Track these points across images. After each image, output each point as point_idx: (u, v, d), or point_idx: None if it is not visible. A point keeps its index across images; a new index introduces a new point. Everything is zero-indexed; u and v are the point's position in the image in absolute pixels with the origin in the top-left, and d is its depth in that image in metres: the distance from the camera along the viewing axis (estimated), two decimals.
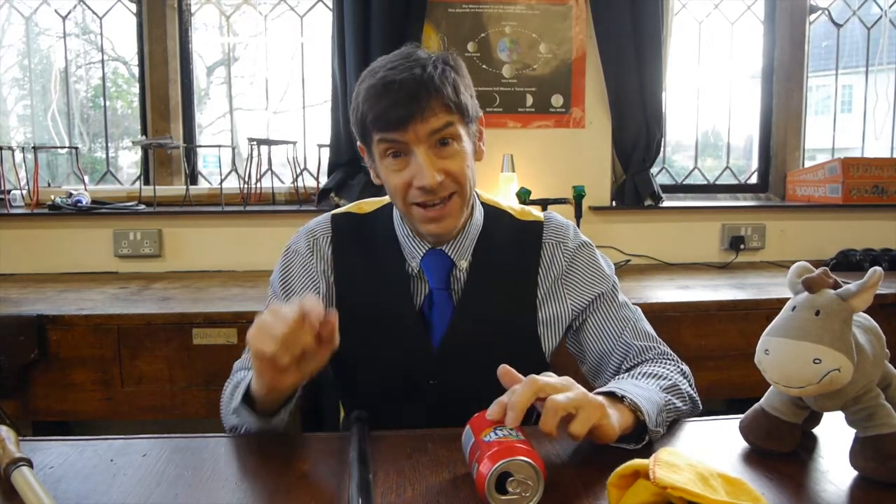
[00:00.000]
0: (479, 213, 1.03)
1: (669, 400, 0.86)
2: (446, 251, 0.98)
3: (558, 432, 0.68)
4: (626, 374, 0.95)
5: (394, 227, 1.02)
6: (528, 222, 1.05)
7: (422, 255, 0.98)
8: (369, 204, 1.07)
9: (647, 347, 0.99)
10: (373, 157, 0.94)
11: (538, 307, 1.01)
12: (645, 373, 0.92)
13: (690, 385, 0.94)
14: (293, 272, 1.02)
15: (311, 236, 1.03)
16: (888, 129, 2.77)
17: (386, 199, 1.05)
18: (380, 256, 1.01)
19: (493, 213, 1.05)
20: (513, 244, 1.03)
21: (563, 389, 0.71)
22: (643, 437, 0.79)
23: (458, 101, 0.90)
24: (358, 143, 0.97)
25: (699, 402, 0.94)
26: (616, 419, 0.75)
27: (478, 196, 1.06)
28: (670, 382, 0.90)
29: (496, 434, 0.66)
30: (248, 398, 0.83)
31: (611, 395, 0.79)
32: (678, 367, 0.97)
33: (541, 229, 1.04)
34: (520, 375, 0.74)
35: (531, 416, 0.99)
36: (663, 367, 0.94)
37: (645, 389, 0.84)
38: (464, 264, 0.99)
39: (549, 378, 0.72)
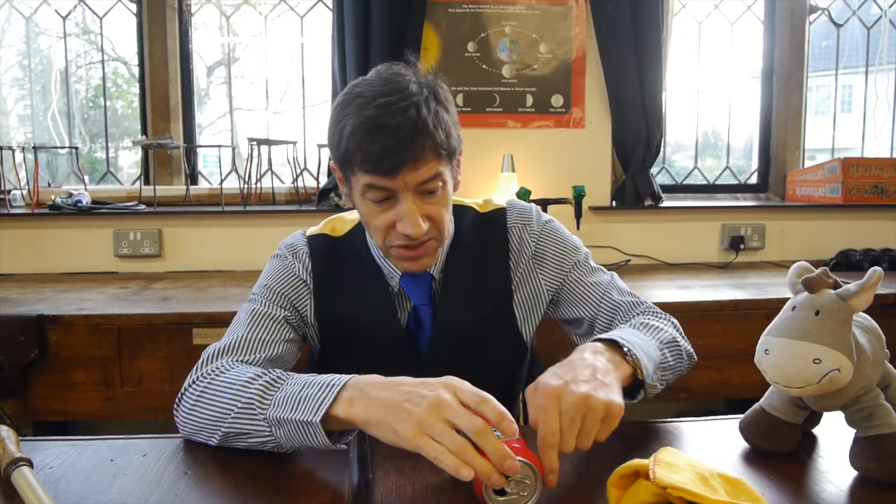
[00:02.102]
0: (450, 224, 1.02)
1: (665, 357, 0.89)
2: None
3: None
4: (626, 324, 0.97)
5: (369, 248, 1.01)
6: (491, 212, 1.06)
7: (400, 275, 0.98)
8: (342, 223, 1.05)
9: (634, 303, 1.02)
10: (350, 186, 0.91)
11: (513, 292, 1.02)
12: (643, 323, 0.94)
13: (684, 338, 0.97)
14: (284, 273, 1.00)
15: (292, 249, 1.02)
16: (888, 129, 2.76)
17: (355, 217, 1.04)
18: (360, 278, 1.00)
19: (460, 213, 1.05)
20: (480, 238, 1.03)
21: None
22: (637, 393, 0.81)
23: (449, 144, 0.88)
24: (331, 161, 0.94)
25: (694, 356, 0.97)
26: (609, 376, 0.75)
27: None
28: (668, 337, 0.92)
29: None
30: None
31: (610, 344, 0.81)
32: (669, 320, 0.99)
33: (504, 215, 1.05)
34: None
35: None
36: (659, 321, 0.96)
37: (645, 342, 0.86)
38: (440, 276, 1.00)
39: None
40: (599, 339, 0.83)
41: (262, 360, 0.90)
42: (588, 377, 0.73)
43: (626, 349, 0.81)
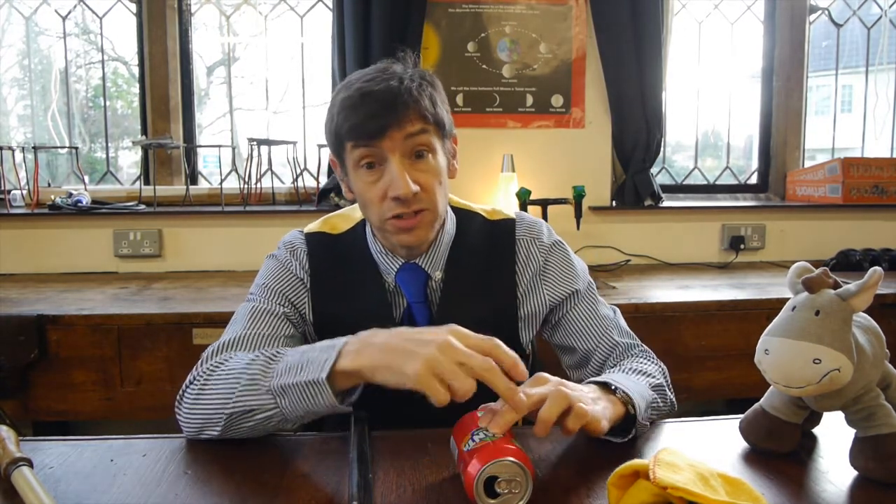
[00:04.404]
0: (450, 223, 1.02)
1: (655, 398, 0.88)
2: (420, 264, 0.98)
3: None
4: (616, 368, 0.96)
5: (367, 245, 1.01)
6: (499, 221, 1.05)
7: (396, 270, 0.98)
8: (342, 220, 1.06)
9: (630, 345, 1.02)
10: (346, 169, 0.94)
11: (519, 304, 1.02)
12: (634, 369, 0.94)
13: (670, 388, 0.96)
14: (282, 271, 1.01)
15: (290, 248, 1.02)
16: (888, 129, 2.77)
17: (357, 216, 1.05)
18: (356, 275, 1.00)
19: (465, 217, 1.05)
20: (486, 246, 1.03)
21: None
22: (630, 429, 0.79)
23: (435, 112, 0.90)
24: (330, 156, 0.96)
25: (675, 406, 0.96)
26: (606, 412, 0.75)
27: (449, 203, 1.05)
28: (657, 382, 0.91)
29: (474, 441, 0.66)
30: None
31: (603, 386, 0.80)
32: (659, 367, 0.99)
33: (513, 226, 1.05)
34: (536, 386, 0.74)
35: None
36: (651, 366, 0.96)
37: (636, 384, 0.85)
38: (438, 275, 0.99)
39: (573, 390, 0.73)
40: (592, 382, 0.82)
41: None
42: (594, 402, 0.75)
43: (613, 386, 0.80)
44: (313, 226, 1.06)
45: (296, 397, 0.73)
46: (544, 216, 2.12)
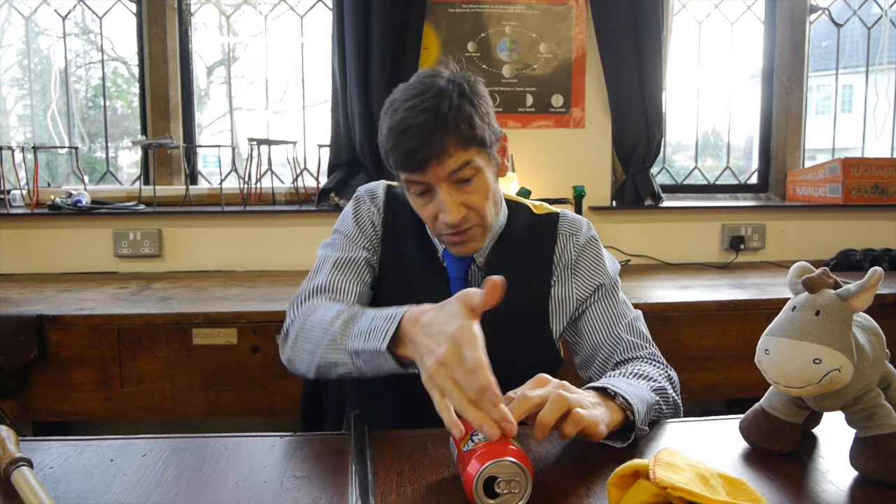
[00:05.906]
0: (503, 215, 1.07)
1: (658, 401, 0.88)
2: None
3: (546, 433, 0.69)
4: (616, 371, 0.96)
5: None
6: (544, 215, 1.11)
7: (443, 248, 1.04)
8: None
9: (637, 345, 1.01)
10: (401, 181, 1.00)
11: (551, 292, 1.06)
12: (635, 373, 0.94)
13: (676, 391, 0.95)
14: (363, 215, 1.08)
15: (371, 194, 1.09)
16: (888, 129, 2.77)
17: None
18: (415, 240, 1.07)
19: (514, 209, 1.11)
20: (530, 236, 1.08)
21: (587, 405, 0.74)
22: (629, 435, 0.79)
23: (474, 134, 0.93)
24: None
25: (681, 408, 0.95)
26: (605, 416, 0.75)
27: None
28: (659, 385, 0.91)
29: (473, 441, 0.67)
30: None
31: (602, 392, 0.80)
32: (666, 371, 0.98)
33: (556, 220, 1.10)
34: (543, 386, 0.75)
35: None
36: (653, 369, 0.96)
37: (636, 387, 0.85)
38: (481, 260, 1.05)
39: (572, 394, 0.74)
40: (591, 388, 0.82)
41: (350, 302, 0.98)
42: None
43: (612, 392, 0.80)
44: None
45: (367, 360, 0.81)
46: None
